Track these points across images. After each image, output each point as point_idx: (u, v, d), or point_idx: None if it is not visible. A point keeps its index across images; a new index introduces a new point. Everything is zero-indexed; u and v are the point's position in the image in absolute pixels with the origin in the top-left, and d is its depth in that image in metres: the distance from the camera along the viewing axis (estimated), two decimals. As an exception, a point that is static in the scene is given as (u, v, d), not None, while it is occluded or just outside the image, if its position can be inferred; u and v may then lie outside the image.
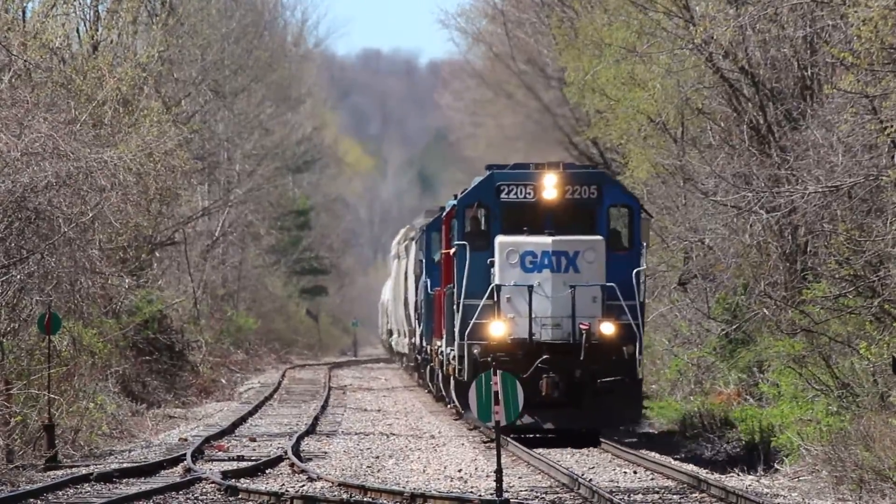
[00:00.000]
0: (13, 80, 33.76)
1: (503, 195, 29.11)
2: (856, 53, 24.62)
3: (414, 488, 23.43)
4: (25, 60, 34.20)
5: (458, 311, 28.71)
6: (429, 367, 41.39)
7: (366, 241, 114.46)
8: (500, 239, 28.39)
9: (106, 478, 25.70)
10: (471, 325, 28.29)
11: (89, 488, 25.03)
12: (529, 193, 29.00)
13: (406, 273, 51.09)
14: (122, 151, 35.07)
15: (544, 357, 27.68)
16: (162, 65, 47.23)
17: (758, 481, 24.12)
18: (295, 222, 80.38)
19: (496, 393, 22.40)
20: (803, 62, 31.17)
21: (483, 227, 29.33)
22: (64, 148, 32.00)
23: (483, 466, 26.28)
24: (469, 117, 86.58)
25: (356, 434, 36.23)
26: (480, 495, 21.83)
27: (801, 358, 28.59)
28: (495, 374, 23.41)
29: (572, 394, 27.81)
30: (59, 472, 27.05)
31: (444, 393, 37.31)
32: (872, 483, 22.12)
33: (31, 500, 23.20)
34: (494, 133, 75.32)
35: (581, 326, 27.63)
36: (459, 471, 26.44)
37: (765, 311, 30.21)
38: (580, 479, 22.23)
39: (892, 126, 24.74)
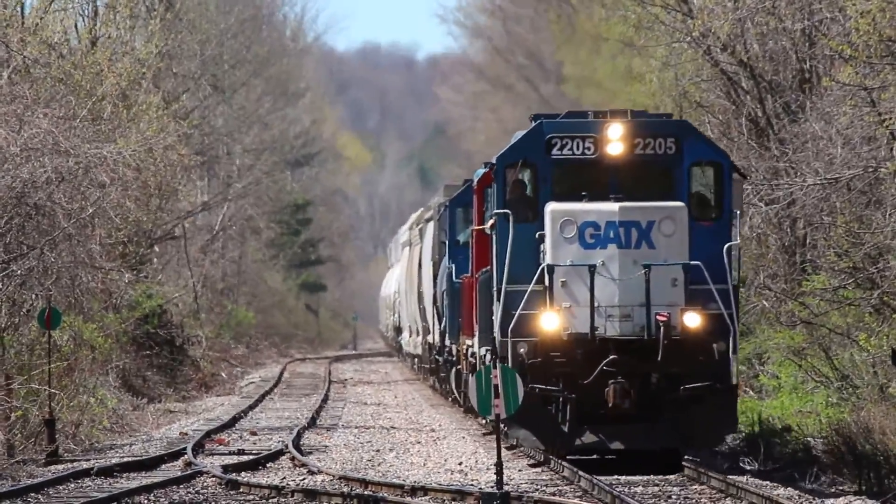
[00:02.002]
0: (12, 76, 34.12)
1: (555, 151, 23.09)
2: (854, 46, 24.71)
3: (414, 481, 23.37)
4: (24, 56, 34.48)
5: (498, 301, 23.04)
6: (454, 370, 33.89)
7: (365, 236, 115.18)
8: (551, 206, 22.49)
9: (107, 472, 25.76)
10: (515, 317, 22.34)
11: (90, 482, 25.02)
12: (589, 149, 23.04)
13: (420, 261, 44.32)
14: (122, 147, 35.07)
15: (611, 358, 22.00)
16: (161, 60, 47.61)
17: (758, 473, 24.03)
18: (294, 216, 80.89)
19: (496, 386, 21.32)
20: (802, 55, 31.16)
21: (530, 193, 23.28)
22: (63, 143, 31.94)
23: (483, 460, 26.04)
24: (468, 111, 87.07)
25: (356, 427, 36.25)
26: (481, 488, 21.51)
27: (800, 350, 28.05)
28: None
29: (647, 405, 22.00)
30: (60, 467, 27.14)
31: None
32: (872, 472, 22.18)
33: (33, 494, 23.27)
34: (493, 126, 75.78)
35: (658, 318, 22.02)
36: (460, 464, 26.33)
37: (764, 303, 29.74)
38: (580, 473, 21.86)
39: (890, 118, 24.94)
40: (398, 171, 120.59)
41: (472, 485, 22.87)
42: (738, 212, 23.44)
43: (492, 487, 21.23)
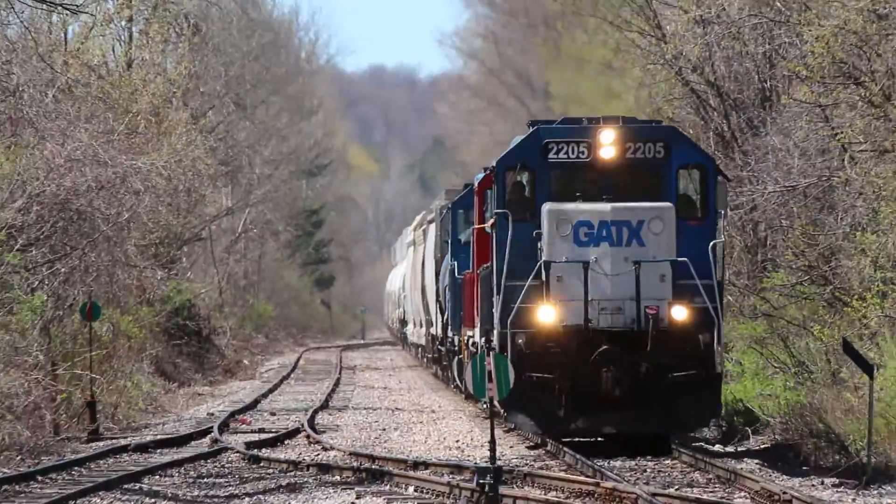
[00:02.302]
0: (57, 95, 33.22)
1: (552, 155, 22.14)
2: (810, 67, 24.36)
3: (416, 456, 22.81)
4: (68, 77, 33.79)
5: (498, 294, 22.05)
6: (456, 359, 32.77)
7: (372, 238, 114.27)
8: (548, 207, 21.74)
9: (142, 448, 25.44)
10: (514, 310, 21.46)
11: (127, 458, 24.80)
12: (583, 152, 22.09)
13: (424, 260, 42.85)
14: (154, 158, 34.80)
15: (603, 348, 21.28)
16: (189, 80, 46.41)
17: (724, 450, 23.55)
18: (308, 220, 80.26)
19: (489, 372, 20.20)
20: (763, 75, 30.86)
21: (528, 194, 22.42)
22: (102, 155, 31.54)
23: (478, 438, 25.31)
24: (464, 125, 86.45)
25: (365, 409, 35.61)
26: (476, 463, 21.03)
27: (761, 339, 27.38)
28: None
29: (637, 392, 21.24)
30: (101, 444, 26.83)
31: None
32: (826, 449, 21.96)
33: (76, 468, 22.87)
34: (487, 139, 75.17)
35: (648, 311, 21.30)
36: (457, 441, 25.70)
37: (729, 297, 29.41)
38: (565, 449, 21.29)
39: (842, 132, 24.69)
40: (401, 180, 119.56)
41: (468, 460, 22.30)
42: (723, 212, 22.56)
43: (486, 462, 20.32)
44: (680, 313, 21.09)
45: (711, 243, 21.52)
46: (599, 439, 22.40)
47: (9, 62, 30.56)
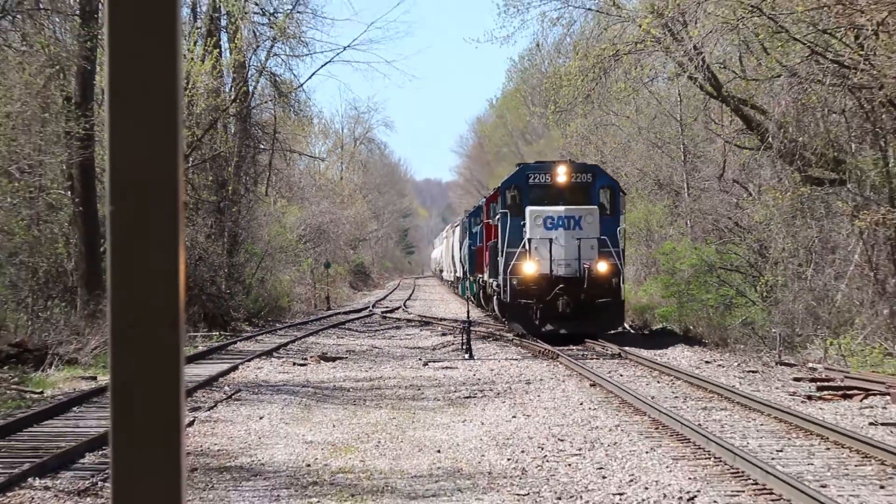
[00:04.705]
0: (318, 189, 47.55)
1: (531, 180, 24.98)
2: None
3: (441, 316, 32.15)
4: (321, 183, 50.12)
5: (501, 257, 24.75)
6: (461, 284, 40.69)
7: (426, 238, 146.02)
8: (530, 209, 24.30)
9: (343, 313, 34.16)
10: (511, 265, 23.92)
11: (342, 316, 33.06)
12: (548, 178, 24.93)
13: (453, 242, 48.81)
14: (348, 213, 51.50)
15: (560, 286, 23.64)
16: (360, 181, 72.21)
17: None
18: (403, 234, 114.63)
19: (469, 287, 28.28)
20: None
21: (518, 202, 24.93)
22: (331, 210, 47.03)
23: (463, 311, 30.14)
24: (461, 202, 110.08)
25: (422, 300, 48.36)
26: (463, 319, 25.17)
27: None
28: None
29: (579, 310, 23.76)
30: (329, 312, 36.50)
31: (479, 301, 35.03)
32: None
33: (323, 320, 30.78)
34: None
35: (584, 265, 23.59)
36: (455, 313, 35.12)
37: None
38: (510, 323, 25.56)
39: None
40: (438, 217, 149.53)
41: (460, 317, 28.38)
42: (623, 212, 26.12)
43: (465, 318, 24.42)
44: (602, 267, 23.87)
45: (618, 228, 24.79)
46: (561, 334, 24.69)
47: (301, 181, 45.23)
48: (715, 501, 8.59)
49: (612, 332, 25.11)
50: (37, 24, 21.90)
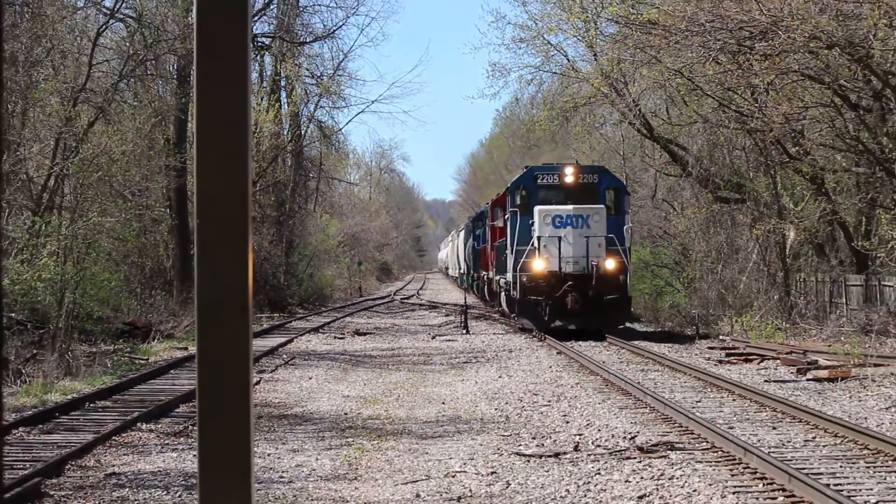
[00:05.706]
0: (352, 206, 46.50)
1: (539, 180, 21.36)
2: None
3: (445, 302, 31.91)
4: (355, 203, 48.01)
5: (511, 254, 21.09)
6: (475, 283, 35.30)
7: (433, 242, 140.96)
8: (538, 208, 20.58)
9: (371, 299, 34.66)
10: (521, 262, 20.22)
11: (370, 302, 33.53)
12: (556, 179, 21.28)
13: (458, 244, 46.25)
14: (374, 223, 49.67)
15: (569, 283, 19.80)
16: (386, 202, 68.52)
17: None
18: (417, 242, 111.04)
19: (467, 280, 25.84)
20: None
21: (526, 201, 21.27)
22: (363, 222, 46.11)
23: (462, 298, 30.01)
24: (460, 213, 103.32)
25: (431, 290, 48.17)
26: (462, 305, 24.93)
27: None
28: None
29: (587, 306, 19.87)
30: (361, 298, 36.38)
31: (485, 296, 31.19)
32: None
33: (355, 305, 30.29)
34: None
35: (593, 263, 19.86)
36: (456, 300, 34.07)
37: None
38: (514, 319, 22.48)
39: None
40: (443, 228, 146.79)
41: (459, 302, 27.81)
42: (628, 211, 22.15)
43: (463, 303, 24.54)
44: (610, 264, 20.23)
45: (624, 227, 21.08)
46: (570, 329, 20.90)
47: (340, 201, 45.49)
48: (650, 439, 8.63)
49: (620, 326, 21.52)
50: (145, 85, 22.84)
